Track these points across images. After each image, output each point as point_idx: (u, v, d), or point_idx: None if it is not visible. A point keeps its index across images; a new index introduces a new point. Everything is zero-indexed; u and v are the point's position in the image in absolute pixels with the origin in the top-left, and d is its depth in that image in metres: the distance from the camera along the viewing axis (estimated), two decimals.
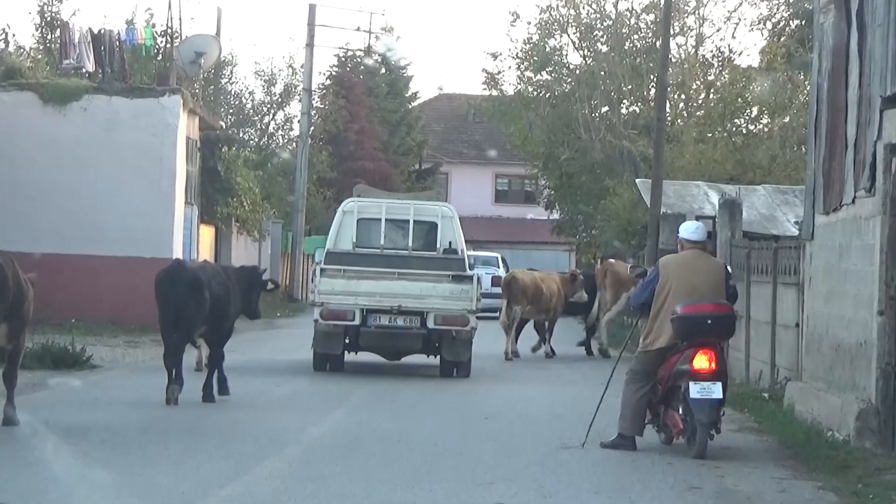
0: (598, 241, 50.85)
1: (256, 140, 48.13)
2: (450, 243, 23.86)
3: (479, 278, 23.95)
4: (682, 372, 14.18)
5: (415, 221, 23.91)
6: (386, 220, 23.80)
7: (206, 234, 38.27)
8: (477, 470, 12.92)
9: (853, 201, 16.72)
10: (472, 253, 51.88)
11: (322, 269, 23.15)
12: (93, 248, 30.80)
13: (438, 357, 23.49)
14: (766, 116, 46.82)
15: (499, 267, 49.75)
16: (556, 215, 58.84)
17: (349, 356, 23.67)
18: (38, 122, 31.25)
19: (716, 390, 14.08)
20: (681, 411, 14.28)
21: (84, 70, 32.85)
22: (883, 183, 15.56)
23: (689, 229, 15.04)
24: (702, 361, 14.12)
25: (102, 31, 33.64)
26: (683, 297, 14.32)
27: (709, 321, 14.22)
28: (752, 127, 47.57)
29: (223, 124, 39.40)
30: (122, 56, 33.55)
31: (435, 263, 23.39)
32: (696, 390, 14.04)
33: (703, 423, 13.97)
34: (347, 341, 23.07)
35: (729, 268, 16.00)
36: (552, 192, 56.95)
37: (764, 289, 21.88)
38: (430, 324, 22.78)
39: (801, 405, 17.92)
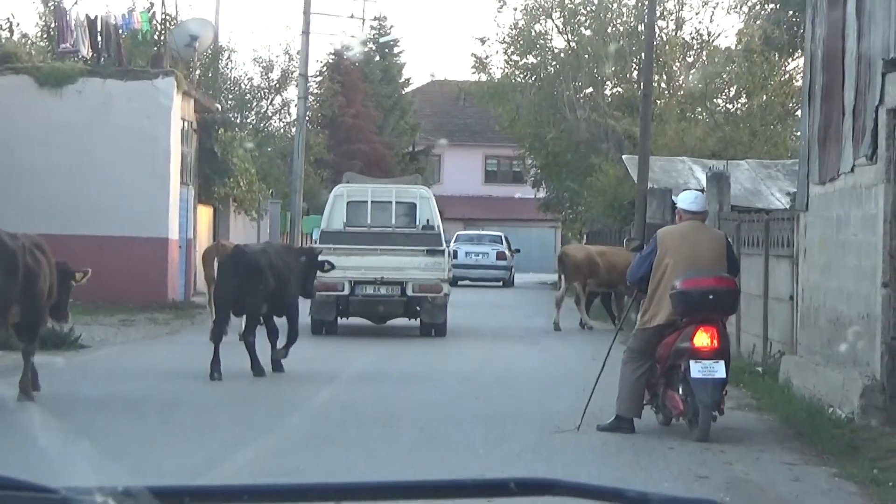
0: (583, 217, 49.26)
1: (255, 123, 46.23)
2: (427, 220, 25.20)
3: (450, 252, 25.69)
4: (682, 350, 12.37)
5: (396, 202, 25.39)
6: (372, 201, 25.28)
7: (204, 213, 36.46)
8: (465, 459, 11.13)
9: (852, 169, 14.99)
10: (479, 232, 53.95)
11: None
12: (89, 228, 28.84)
13: (419, 320, 24.82)
14: (743, 96, 45.28)
15: (502, 244, 51.17)
16: (542, 193, 57.53)
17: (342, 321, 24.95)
18: (33, 105, 29.33)
19: (718, 369, 12.28)
20: (681, 392, 12.44)
21: (80, 55, 31.01)
22: (886, 150, 13.85)
23: (688, 199, 13.19)
24: (703, 339, 12.31)
25: (99, 17, 31.80)
26: (683, 271, 12.50)
27: (710, 296, 12.37)
28: (730, 106, 46.08)
29: (219, 106, 37.42)
30: (119, 41, 31.68)
31: (415, 238, 24.84)
32: (697, 369, 12.23)
33: (706, 404, 12.16)
34: (339, 308, 24.42)
35: (730, 239, 14.22)
36: (539, 170, 55.53)
37: (755, 261, 20.13)
38: (409, 292, 24.37)
39: (797, 380, 16.21)
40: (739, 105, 45.41)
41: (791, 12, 40.31)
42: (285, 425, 12.73)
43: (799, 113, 45.08)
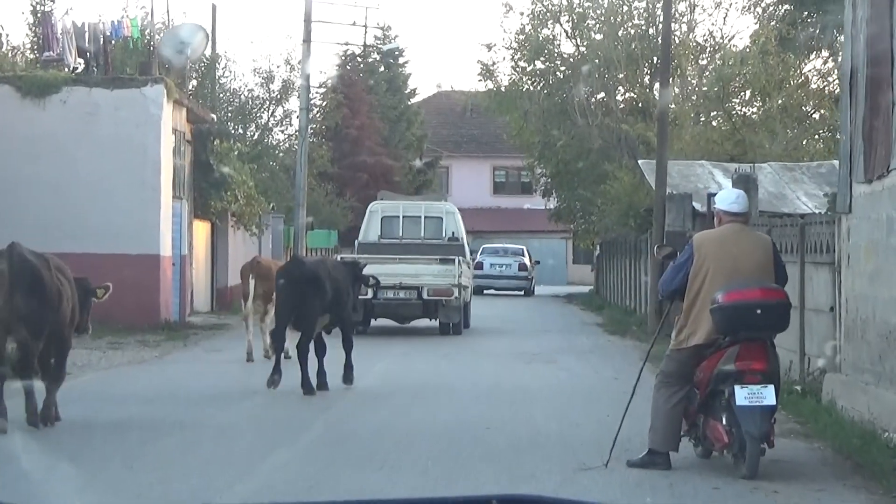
0: (597, 226, 47.61)
1: (254, 134, 44.51)
2: (452, 233, 28.81)
3: (460, 261, 27.68)
4: (725, 374, 10.62)
5: (425, 217, 28.99)
6: (403, 216, 29.00)
7: (201, 229, 34.73)
8: None
9: None
10: (503, 245, 54.52)
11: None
12: (75, 244, 26.88)
13: (437, 320, 27.91)
14: (758, 99, 43.62)
15: (524, 256, 54.51)
16: (553, 203, 55.96)
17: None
18: (16, 115, 27.55)
19: (767, 395, 10.54)
20: (724, 421, 10.70)
21: (66, 64, 29.35)
22: None
23: (728, 199, 11.37)
24: (750, 361, 10.58)
25: (86, 25, 30.16)
26: (724, 282, 10.74)
27: (758, 311, 10.60)
28: (745, 110, 44.45)
29: (214, 117, 35.68)
30: (106, 49, 30.01)
31: (441, 249, 28.08)
32: (743, 396, 10.50)
33: (754, 435, 10.42)
34: (367, 310, 26.85)
35: (775, 243, 12.44)
36: (549, 179, 53.92)
37: (789, 270, 18.25)
38: (425, 295, 27.25)
39: (844, 400, 14.51)
40: (756, 108, 43.76)
41: (806, 13, 38.70)
42: (267, 466, 10.96)
43: (817, 116, 43.51)
